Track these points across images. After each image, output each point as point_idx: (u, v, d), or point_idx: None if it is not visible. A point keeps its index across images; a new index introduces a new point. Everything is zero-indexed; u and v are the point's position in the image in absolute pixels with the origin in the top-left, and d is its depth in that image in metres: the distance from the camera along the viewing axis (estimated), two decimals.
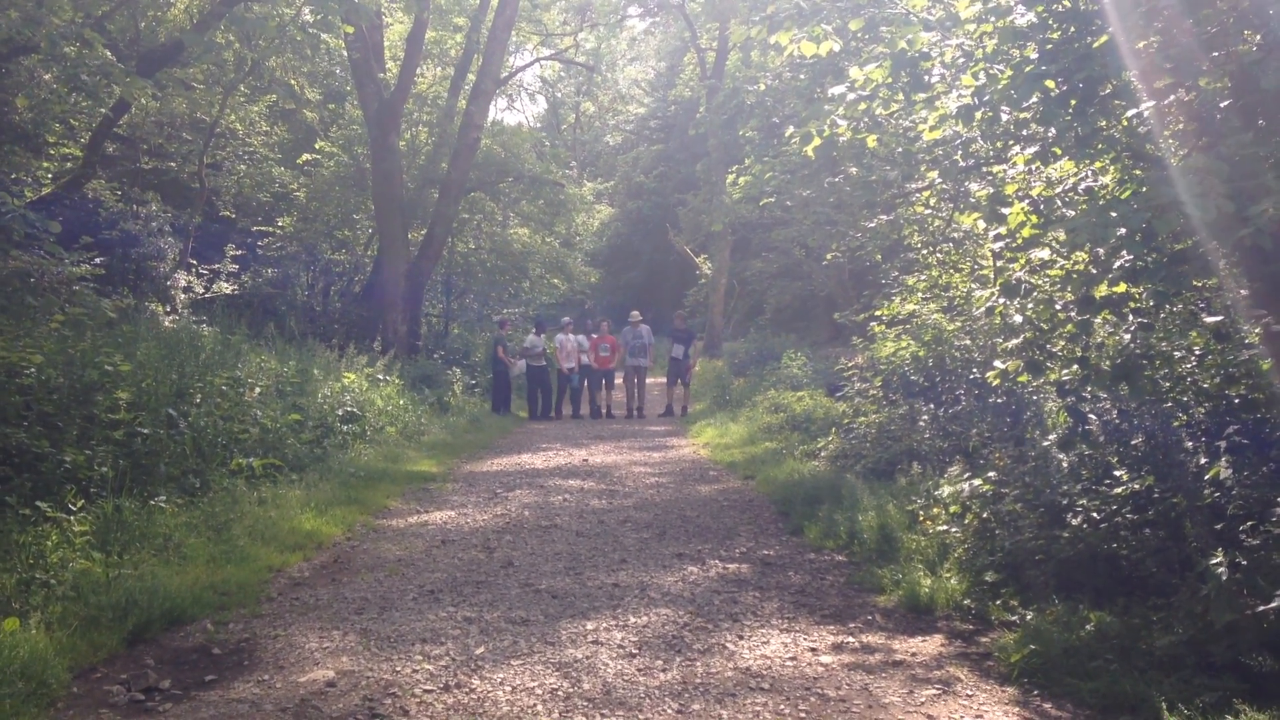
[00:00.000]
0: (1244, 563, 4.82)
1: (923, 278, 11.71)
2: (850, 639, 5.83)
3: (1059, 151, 6.14)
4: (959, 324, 10.54)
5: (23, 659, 4.72)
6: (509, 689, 4.98)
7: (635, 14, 38.98)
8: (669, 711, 4.71)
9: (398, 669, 5.25)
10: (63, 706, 4.68)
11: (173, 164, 19.95)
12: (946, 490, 7.58)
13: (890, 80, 7.10)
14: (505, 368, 19.86)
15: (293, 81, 21.57)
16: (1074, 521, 6.01)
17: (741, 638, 5.83)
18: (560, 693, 4.93)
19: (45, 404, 7.55)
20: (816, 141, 7.56)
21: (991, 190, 6.98)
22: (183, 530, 7.36)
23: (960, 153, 7.84)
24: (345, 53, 21.52)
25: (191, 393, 9.73)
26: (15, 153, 15.08)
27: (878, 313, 12.47)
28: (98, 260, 12.54)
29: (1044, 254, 6.35)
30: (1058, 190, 6.43)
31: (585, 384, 20.33)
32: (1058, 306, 6.33)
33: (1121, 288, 5.65)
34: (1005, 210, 6.31)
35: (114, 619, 5.55)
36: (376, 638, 5.77)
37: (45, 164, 15.96)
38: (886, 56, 7.10)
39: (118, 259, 14.95)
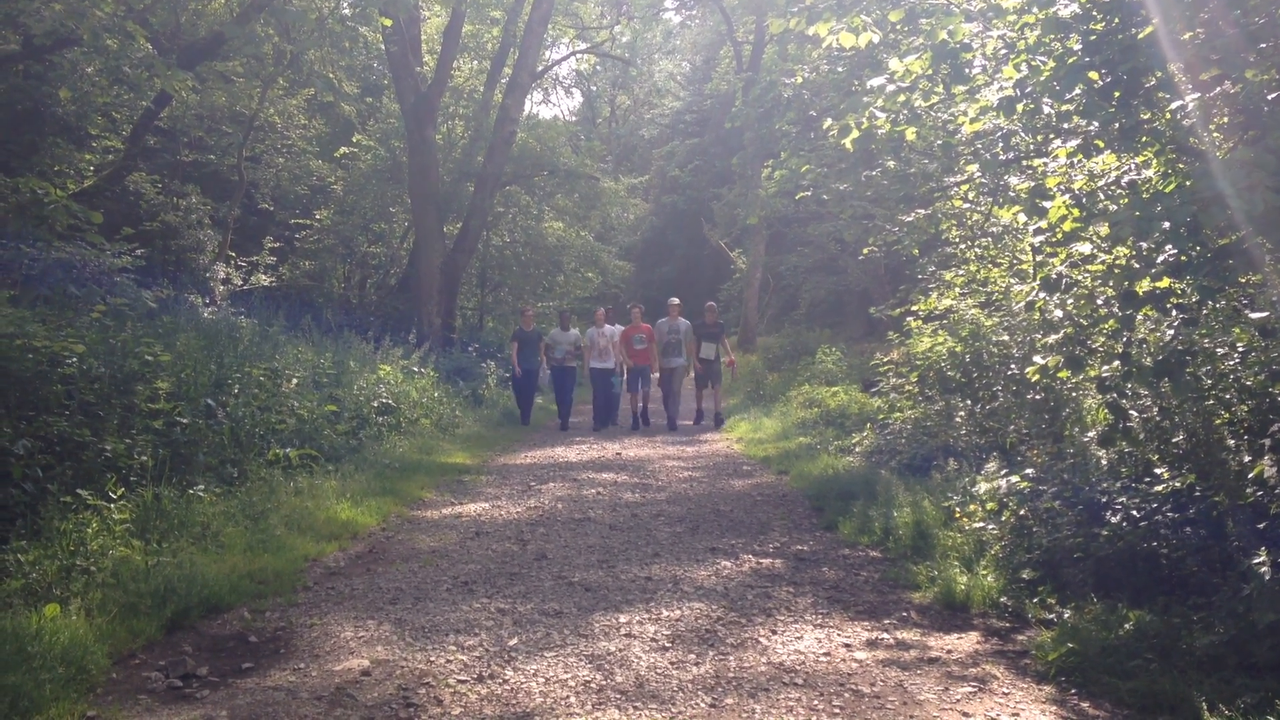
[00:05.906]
0: None
1: (960, 272, 11.60)
2: (885, 635, 5.79)
3: (1101, 144, 6.05)
4: (997, 319, 10.43)
5: (63, 644, 4.77)
6: (542, 680, 4.98)
7: (671, 7, 39.01)
8: (702, 705, 4.69)
9: (432, 659, 5.27)
10: (102, 692, 4.73)
11: (212, 156, 20.20)
12: (983, 487, 7.50)
13: (930, 72, 7.04)
14: (532, 367, 17.21)
15: (331, 75, 21.73)
16: (1113, 519, 5.92)
17: (775, 632, 5.80)
18: (593, 685, 4.93)
19: (86, 393, 7.63)
20: (855, 134, 7.52)
21: (1032, 184, 6.90)
22: (220, 519, 7.43)
23: (1001, 145, 7.77)
24: (383, 46, 21.69)
25: (230, 383, 9.82)
26: (58, 145, 15.28)
27: (914, 308, 12.39)
28: (138, 251, 12.73)
29: (1085, 248, 6.26)
30: (1100, 184, 6.34)
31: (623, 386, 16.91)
32: (1099, 302, 6.26)
33: (1164, 283, 5.57)
34: (1046, 204, 6.23)
35: (153, 606, 5.61)
36: (411, 628, 5.79)
37: (87, 156, 16.15)
38: (926, 48, 7.04)
39: (158, 250, 15.16)
